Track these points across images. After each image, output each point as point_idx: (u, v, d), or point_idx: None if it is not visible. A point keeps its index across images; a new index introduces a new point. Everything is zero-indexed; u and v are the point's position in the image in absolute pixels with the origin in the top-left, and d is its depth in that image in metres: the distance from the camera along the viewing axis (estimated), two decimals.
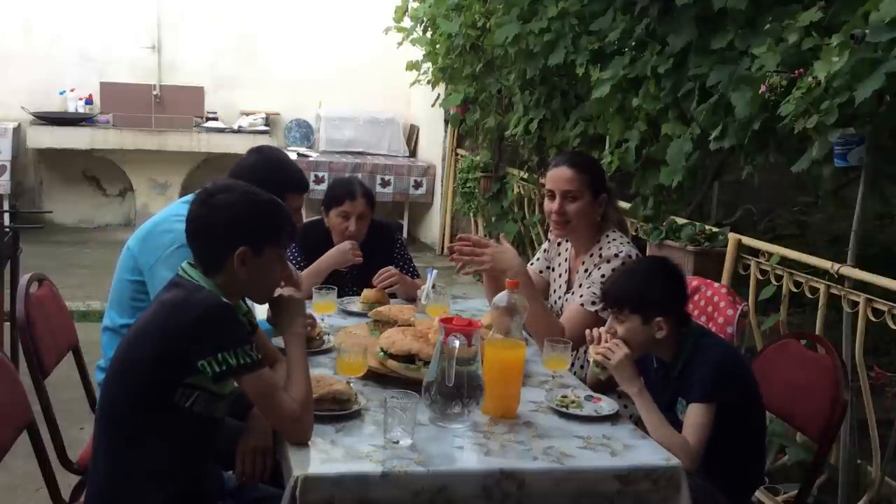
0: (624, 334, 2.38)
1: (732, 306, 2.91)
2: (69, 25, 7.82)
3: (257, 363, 1.94)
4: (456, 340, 2.09)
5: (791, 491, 3.28)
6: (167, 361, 1.92)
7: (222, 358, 1.89)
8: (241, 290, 2.09)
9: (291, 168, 2.93)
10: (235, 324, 1.97)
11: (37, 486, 2.36)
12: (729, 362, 2.36)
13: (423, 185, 8.05)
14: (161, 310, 1.98)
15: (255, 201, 2.07)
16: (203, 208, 2.05)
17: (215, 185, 2.11)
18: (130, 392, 1.97)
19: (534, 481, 1.97)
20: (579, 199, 2.84)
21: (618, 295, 2.42)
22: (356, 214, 3.37)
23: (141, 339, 1.97)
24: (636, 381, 2.32)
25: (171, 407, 1.94)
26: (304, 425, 2.00)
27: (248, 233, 2.03)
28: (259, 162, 2.83)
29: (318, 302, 2.87)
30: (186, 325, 1.91)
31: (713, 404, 2.25)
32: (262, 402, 1.99)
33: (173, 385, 1.93)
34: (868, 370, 3.19)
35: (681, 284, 2.47)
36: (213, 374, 1.90)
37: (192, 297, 1.96)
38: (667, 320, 2.36)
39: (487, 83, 6.07)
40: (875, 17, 2.60)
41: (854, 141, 2.82)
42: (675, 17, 3.75)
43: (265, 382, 1.97)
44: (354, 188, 3.41)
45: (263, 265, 2.06)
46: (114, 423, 2.01)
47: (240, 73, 8.15)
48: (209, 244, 2.04)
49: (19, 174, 7.75)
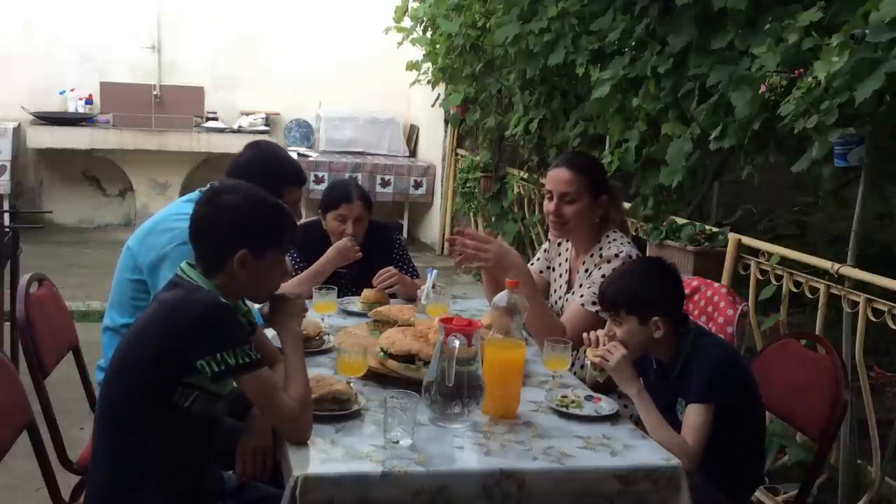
0: (622, 336, 2.38)
1: (732, 306, 2.91)
2: (69, 25, 7.82)
3: (256, 363, 1.94)
4: (456, 340, 2.09)
5: (791, 491, 3.28)
6: (166, 361, 1.92)
7: (221, 358, 1.89)
8: (240, 290, 2.10)
9: (289, 162, 2.93)
10: (234, 324, 1.97)
11: (37, 486, 2.36)
12: (727, 362, 2.36)
13: (423, 185, 8.05)
14: (160, 309, 1.99)
15: (260, 204, 2.09)
16: (208, 208, 2.06)
17: (222, 185, 2.13)
18: (130, 392, 1.97)
19: (534, 481, 1.97)
20: (577, 201, 2.84)
21: (614, 297, 2.42)
22: (353, 217, 3.37)
23: (140, 339, 1.98)
24: (635, 382, 2.32)
25: (171, 406, 1.95)
26: (304, 424, 2.00)
27: (251, 235, 2.04)
28: (256, 157, 2.83)
29: (318, 302, 2.86)
30: (185, 325, 1.91)
31: (711, 405, 2.25)
32: (261, 401, 1.99)
33: (172, 385, 1.94)
34: (868, 370, 3.19)
35: (677, 284, 2.47)
36: (211, 373, 1.90)
37: (192, 297, 1.96)
38: (664, 320, 2.36)
39: (487, 83, 6.07)
40: (875, 17, 2.60)
41: (854, 141, 2.82)
42: (675, 17, 3.75)
43: (264, 382, 1.97)
44: (350, 191, 3.41)
45: (264, 268, 2.07)
46: (113, 422, 2.01)
47: (240, 73, 8.15)
48: (212, 244, 2.05)
49: (19, 174, 7.75)
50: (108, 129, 7.61)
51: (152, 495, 1.98)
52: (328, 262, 3.26)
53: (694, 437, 2.23)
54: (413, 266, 3.54)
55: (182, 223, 2.52)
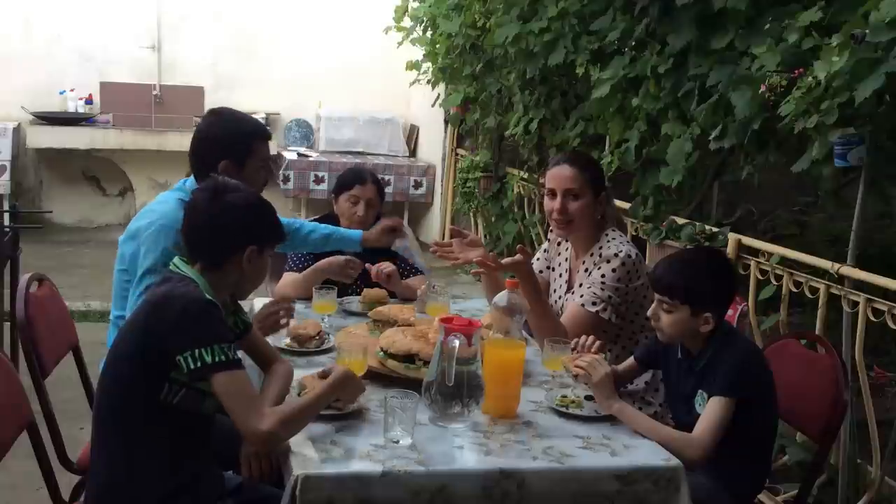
0: (668, 323, 2.35)
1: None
2: (69, 25, 7.81)
3: (233, 363, 1.94)
4: (456, 340, 2.09)
5: (791, 491, 3.28)
6: (150, 357, 1.94)
7: (198, 354, 1.90)
8: (231, 286, 2.13)
9: (251, 119, 2.92)
10: (215, 320, 1.97)
11: (37, 486, 2.36)
12: (756, 361, 2.36)
13: (423, 185, 8.05)
14: (145, 307, 2.01)
15: (262, 202, 2.16)
16: (213, 205, 2.08)
17: (224, 183, 2.14)
18: (121, 389, 1.99)
19: (534, 481, 1.97)
20: (581, 197, 2.84)
21: (672, 283, 2.35)
22: (365, 199, 3.40)
23: (127, 337, 2.01)
24: (615, 399, 2.28)
25: (160, 404, 1.96)
26: (271, 442, 1.97)
27: (258, 233, 2.11)
28: (218, 120, 2.82)
29: (318, 302, 2.87)
30: (167, 320, 1.93)
31: (734, 400, 2.24)
32: (229, 403, 1.94)
33: (159, 381, 1.95)
34: (868, 370, 3.19)
35: (733, 281, 2.46)
36: (188, 370, 1.90)
37: (175, 293, 1.97)
38: (714, 316, 2.33)
39: (487, 83, 6.06)
40: (875, 17, 2.60)
41: (854, 141, 2.82)
42: (675, 17, 3.75)
43: (237, 385, 1.94)
44: (365, 174, 3.48)
45: (262, 265, 2.13)
46: (109, 420, 2.02)
47: (240, 72, 8.15)
48: (216, 241, 2.08)
49: (19, 174, 7.74)
50: (108, 129, 7.60)
51: (151, 495, 1.98)
52: (323, 269, 3.19)
53: (711, 429, 2.21)
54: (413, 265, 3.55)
55: (161, 206, 2.54)
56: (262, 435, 1.92)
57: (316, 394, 2.05)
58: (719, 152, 3.65)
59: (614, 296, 2.76)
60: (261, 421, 1.91)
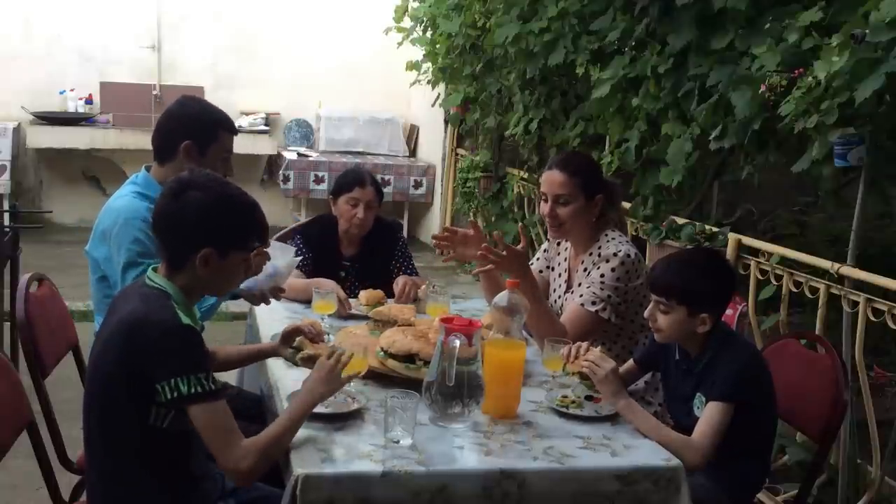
0: (665, 324, 2.34)
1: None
2: (69, 25, 7.81)
3: (209, 394, 1.87)
4: (456, 340, 2.09)
5: (791, 491, 3.28)
6: (134, 381, 1.88)
7: (174, 384, 1.84)
8: (202, 288, 2.07)
9: (219, 110, 2.92)
10: (191, 347, 1.90)
11: (37, 486, 2.36)
12: (755, 365, 2.35)
13: (423, 184, 8.04)
14: (121, 328, 1.92)
15: (228, 202, 2.01)
16: (175, 202, 1.98)
17: (191, 177, 2.02)
18: (110, 413, 1.95)
19: (534, 481, 1.97)
20: (571, 202, 2.84)
21: (668, 283, 2.34)
22: (365, 202, 3.40)
23: (110, 358, 1.94)
24: (622, 395, 2.28)
25: (150, 427, 1.92)
26: (250, 475, 1.91)
27: (217, 234, 1.98)
28: (188, 102, 2.86)
29: (317, 302, 2.86)
30: (144, 349, 1.87)
31: (733, 405, 2.23)
32: (208, 436, 1.88)
33: (147, 404, 1.90)
34: (868, 370, 3.19)
35: (732, 282, 2.45)
36: (165, 400, 1.86)
37: (150, 319, 1.89)
38: (711, 317, 2.33)
39: (487, 83, 6.06)
40: (875, 17, 2.60)
41: (854, 141, 2.82)
42: (675, 17, 3.75)
43: (217, 418, 1.88)
44: (365, 177, 3.46)
45: (226, 267, 2.02)
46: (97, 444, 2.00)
47: (240, 72, 8.14)
48: (175, 240, 2.00)
49: (19, 174, 7.74)
50: (108, 128, 7.60)
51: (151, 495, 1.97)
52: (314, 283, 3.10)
53: (710, 434, 2.20)
54: (413, 265, 3.55)
55: (119, 202, 2.55)
56: (243, 473, 1.88)
57: (289, 416, 1.99)
58: (719, 152, 3.65)
59: (614, 295, 2.76)
60: (240, 459, 1.87)
